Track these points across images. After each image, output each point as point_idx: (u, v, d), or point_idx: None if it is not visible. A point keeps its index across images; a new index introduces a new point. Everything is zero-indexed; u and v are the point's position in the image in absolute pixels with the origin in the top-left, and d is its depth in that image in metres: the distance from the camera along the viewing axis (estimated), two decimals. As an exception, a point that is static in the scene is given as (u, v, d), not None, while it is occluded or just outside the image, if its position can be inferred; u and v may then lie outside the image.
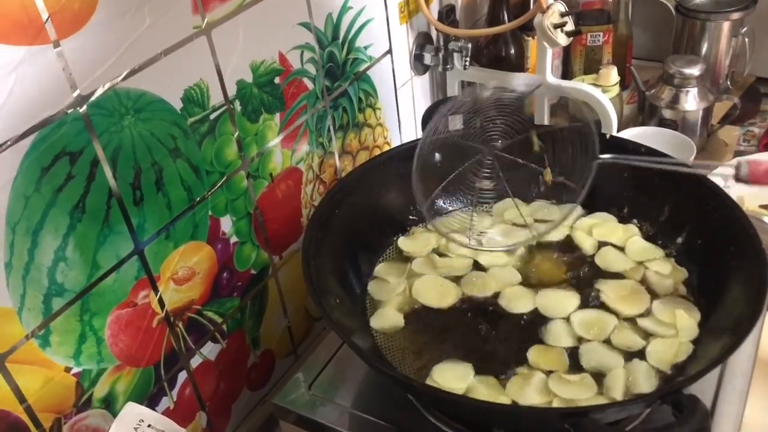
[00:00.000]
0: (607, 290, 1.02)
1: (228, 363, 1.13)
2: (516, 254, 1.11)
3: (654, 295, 1.02)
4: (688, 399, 0.75)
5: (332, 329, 0.94)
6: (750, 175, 0.69)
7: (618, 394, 0.88)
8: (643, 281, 1.04)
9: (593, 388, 0.89)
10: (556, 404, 0.88)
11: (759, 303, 0.84)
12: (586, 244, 1.11)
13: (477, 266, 1.10)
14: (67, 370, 0.86)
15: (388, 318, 1.03)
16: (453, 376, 0.94)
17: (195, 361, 1.06)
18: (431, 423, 0.96)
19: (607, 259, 1.08)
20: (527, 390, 0.90)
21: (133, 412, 0.86)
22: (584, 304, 1.01)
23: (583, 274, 1.07)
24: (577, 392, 0.89)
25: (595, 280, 1.04)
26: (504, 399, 0.90)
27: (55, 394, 0.85)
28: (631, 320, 0.98)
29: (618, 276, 1.05)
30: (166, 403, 1.03)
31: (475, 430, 0.94)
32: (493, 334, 0.99)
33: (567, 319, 0.99)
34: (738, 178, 0.70)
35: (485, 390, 0.91)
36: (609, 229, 1.12)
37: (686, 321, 0.96)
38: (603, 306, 1.01)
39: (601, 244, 1.11)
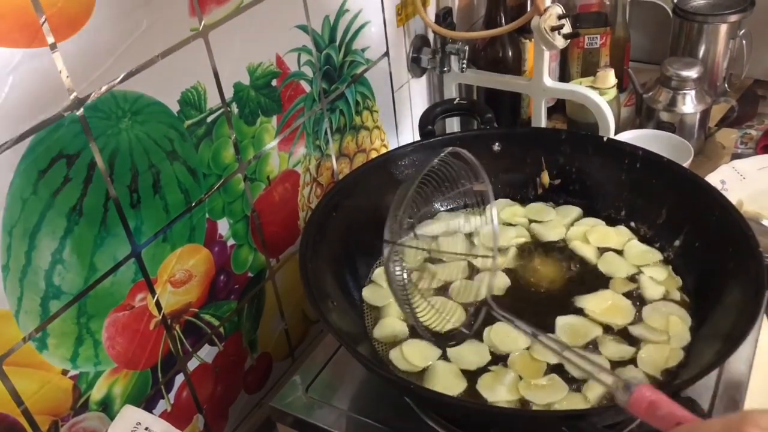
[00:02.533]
0: (590, 306, 1.01)
1: (225, 366, 1.13)
2: (509, 256, 1.11)
3: (643, 300, 1.02)
4: (686, 401, 0.75)
5: (329, 332, 0.94)
6: (630, 401, 0.68)
7: (593, 395, 0.88)
8: (636, 286, 1.04)
9: (564, 388, 0.90)
10: (535, 407, 0.89)
11: (757, 304, 0.84)
12: (588, 253, 1.10)
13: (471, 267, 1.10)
14: (65, 372, 0.86)
15: (392, 327, 1.02)
16: (417, 353, 0.96)
17: (192, 364, 1.06)
18: (428, 426, 0.96)
19: (611, 265, 1.08)
20: (498, 387, 0.91)
21: (130, 414, 0.86)
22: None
23: (581, 280, 1.07)
24: (548, 395, 0.89)
25: (576, 296, 1.03)
26: (461, 386, 0.92)
27: (53, 397, 0.85)
28: (617, 332, 0.98)
29: (605, 285, 1.05)
30: (163, 405, 1.02)
31: (472, 432, 0.94)
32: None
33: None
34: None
35: (443, 375, 0.93)
36: (602, 234, 1.12)
37: (679, 327, 0.96)
38: (591, 320, 1.00)
39: (602, 250, 1.11)
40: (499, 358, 0.95)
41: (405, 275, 0.95)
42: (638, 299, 1.02)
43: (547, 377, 0.91)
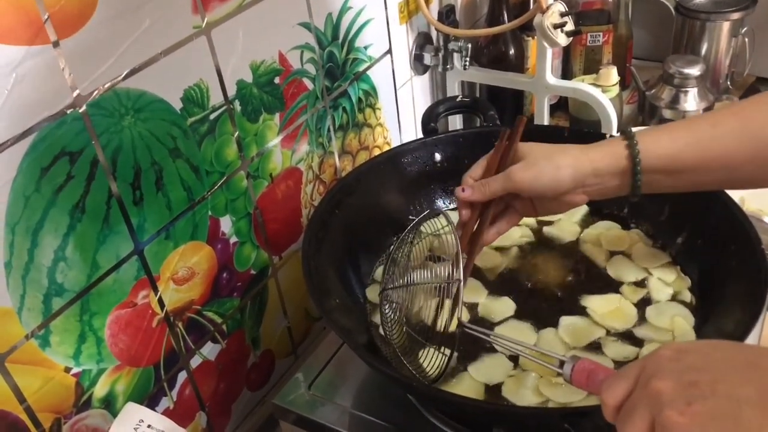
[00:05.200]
0: (593, 306, 1.01)
1: (228, 363, 1.13)
2: (510, 255, 1.11)
3: (648, 301, 1.01)
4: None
5: (332, 329, 0.94)
6: (573, 376, 0.73)
7: None
8: (646, 291, 1.03)
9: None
10: (552, 404, 0.88)
11: (759, 302, 0.84)
12: (598, 257, 1.09)
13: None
14: (67, 370, 0.86)
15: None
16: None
17: (195, 361, 1.06)
18: (431, 423, 0.96)
19: (619, 269, 1.07)
20: (522, 391, 0.90)
21: (133, 412, 0.86)
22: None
23: (589, 282, 1.06)
24: (569, 395, 0.89)
25: (581, 296, 1.03)
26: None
27: (55, 394, 0.85)
28: (621, 333, 0.97)
29: (616, 288, 1.04)
30: (165, 403, 1.03)
31: (475, 430, 0.94)
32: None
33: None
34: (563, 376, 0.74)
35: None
36: (616, 238, 1.12)
37: (683, 326, 0.96)
38: (594, 322, 0.99)
39: (613, 254, 1.10)
40: (515, 363, 0.95)
41: (394, 316, 0.97)
42: (644, 301, 1.01)
43: None
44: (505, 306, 1.03)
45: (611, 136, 0.91)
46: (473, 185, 0.93)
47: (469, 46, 1.45)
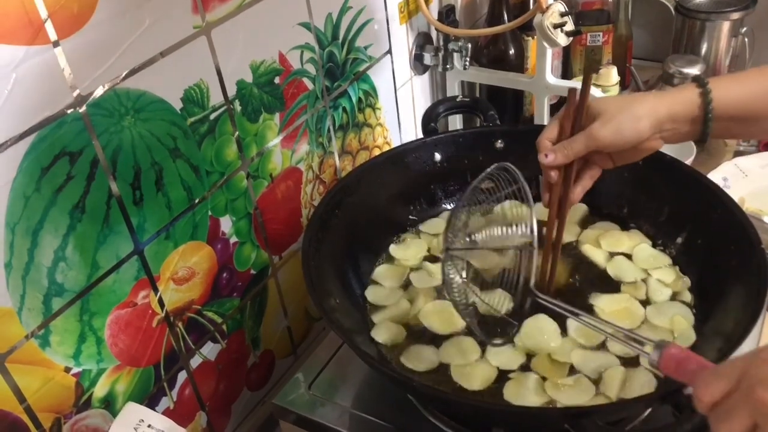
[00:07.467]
0: (601, 305, 1.01)
1: (228, 363, 1.13)
2: (509, 256, 1.10)
3: (648, 302, 1.01)
4: (689, 399, 0.75)
5: (332, 329, 0.94)
6: (661, 362, 0.72)
7: (613, 393, 0.88)
8: (643, 288, 1.04)
9: (591, 389, 0.89)
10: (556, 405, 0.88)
11: (759, 302, 0.84)
12: (598, 257, 1.10)
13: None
14: (67, 370, 0.86)
15: (390, 331, 1.02)
16: (418, 358, 0.96)
17: (195, 361, 1.06)
18: (431, 423, 0.96)
19: (620, 270, 1.07)
20: (524, 392, 0.90)
21: (133, 412, 0.86)
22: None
23: (589, 282, 1.06)
24: (575, 396, 0.89)
25: (590, 293, 1.03)
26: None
27: (55, 394, 0.85)
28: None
29: (615, 288, 1.04)
30: (166, 403, 1.03)
31: (475, 430, 0.94)
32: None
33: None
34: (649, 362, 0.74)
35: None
36: (615, 239, 1.12)
37: (683, 326, 0.96)
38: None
39: (612, 254, 1.10)
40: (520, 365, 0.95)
41: (458, 277, 0.96)
42: (644, 301, 1.01)
43: (574, 377, 0.91)
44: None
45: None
46: (555, 149, 0.92)
47: (469, 46, 1.45)
